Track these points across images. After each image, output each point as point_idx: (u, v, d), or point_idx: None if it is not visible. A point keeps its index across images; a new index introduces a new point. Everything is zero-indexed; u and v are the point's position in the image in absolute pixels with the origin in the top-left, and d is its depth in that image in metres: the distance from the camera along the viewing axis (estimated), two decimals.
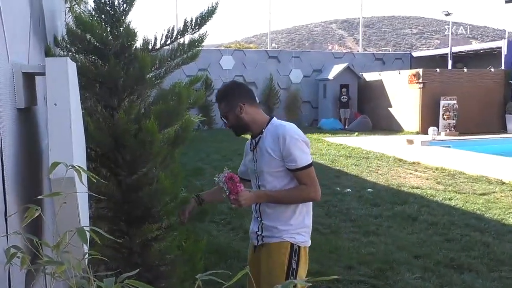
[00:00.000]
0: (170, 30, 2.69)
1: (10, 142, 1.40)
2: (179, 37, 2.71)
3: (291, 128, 2.41)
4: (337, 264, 4.52)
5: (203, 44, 2.80)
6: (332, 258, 4.71)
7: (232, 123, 2.47)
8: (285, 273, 2.39)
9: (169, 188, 2.52)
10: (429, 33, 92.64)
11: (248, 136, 2.58)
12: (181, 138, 2.71)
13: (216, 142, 13.45)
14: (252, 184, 2.55)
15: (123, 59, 2.56)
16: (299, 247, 2.42)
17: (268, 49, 22.80)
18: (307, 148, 2.39)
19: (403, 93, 17.87)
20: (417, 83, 17.02)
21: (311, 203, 2.50)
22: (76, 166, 1.10)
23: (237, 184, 2.25)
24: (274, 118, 2.49)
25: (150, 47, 2.68)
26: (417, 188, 7.89)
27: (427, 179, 8.68)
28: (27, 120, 1.73)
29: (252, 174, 2.52)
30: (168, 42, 2.71)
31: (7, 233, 1.25)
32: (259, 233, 2.49)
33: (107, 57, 2.50)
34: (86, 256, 1.11)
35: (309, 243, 2.50)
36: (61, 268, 0.97)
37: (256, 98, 2.56)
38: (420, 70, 17.23)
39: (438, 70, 17.54)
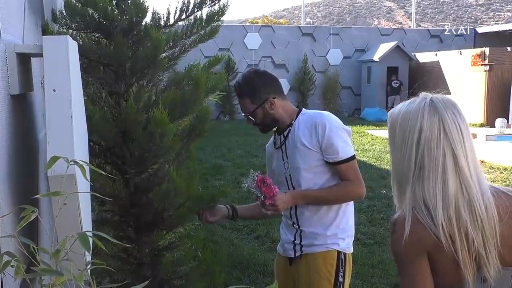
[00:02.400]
0: (186, 1, 2.70)
1: (2, 133, 1.44)
2: (196, 10, 2.72)
3: (330, 115, 2.42)
4: (381, 280, 4.50)
5: (224, 18, 2.81)
6: (376, 273, 4.68)
7: (259, 121, 2.48)
8: None
9: (184, 188, 2.54)
10: (498, 4, 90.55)
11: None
12: (197, 130, 2.73)
13: (239, 135, 13.49)
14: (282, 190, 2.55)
15: (131, 37, 2.58)
16: (345, 255, 2.43)
17: (302, 25, 22.69)
18: (349, 138, 2.40)
19: (464, 77, 17.52)
20: (482, 65, 16.66)
21: (352, 202, 2.51)
22: (78, 162, 1.12)
23: (272, 186, 2.26)
24: (303, 109, 2.52)
25: (162, 23, 2.70)
26: None
27: (493, 181, 8.50)
28: (22, 108, 1.78)
29: (281, 175, 2.52)
30: (183, 16, 2.73)
31: None
32: (296, 242, 2.49)
33: (112, 35, 2.53)
34: (89, 266, 1.14)
35: (352, 248, 2.52)
36: (61, 279, 0.99)
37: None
38: (486, 50, 16.85)
39: (509, 49, 17.12)
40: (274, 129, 2.56)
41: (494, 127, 14.58)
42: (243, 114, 2.52)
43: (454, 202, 1.36)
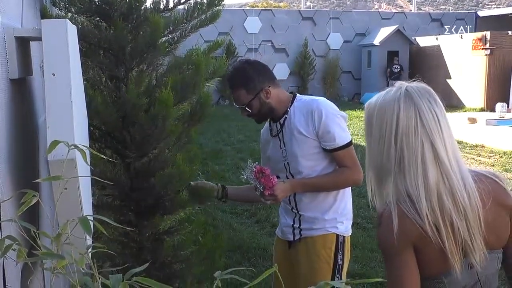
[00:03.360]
0: None
1: (1, 118, 1.43)
2: None
3: (325, 101, 2.41)
4: (381, 265, 4.52)
5: (224, 2, 2.79)
6: (375, 258, 4.71)
7: (256, 111, 2.46)
8: (331, 271, 2.42)
9: (183, 171, 2.55)
10: None
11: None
12: (198, 114, 2.73)
13: (239, 120, 13.46)
14: (281, 177, 2.54)
15: (131, 21, 2.57)
16: (344, 238, 2.45)
17: (302, 8, 22.56)
18: (345, 123, 2.40)
19: (465, 61, 17.46)
20: (483, 49, 16.60)
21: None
22: (79, 146, 1.12)
23: (270, 177, 2.27)
24: (298, 94, 2.51)
25: (162, 6, 2.69)
26: None
27: (493, 165, 8.52)
28: (21, 92, 1.77)
29: (279, 163, 2.52)
30: (183, 0, 2.71)
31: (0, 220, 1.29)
32: (295, 225, 2.51)
33: (112, 19, 2.52)
34: (90, 249, 1.14)
35: (351, 231, 2.54)
36: (62, 262, 1.00)
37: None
38: (487, 33, 16.77)
39: (510, 33, 17.03)
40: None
41: (494, 111, 14.55)
42: (237, 106, 2.49)
43: (436, 192, 1.36)
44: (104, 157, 1.21)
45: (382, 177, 1.44)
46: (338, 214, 2.45)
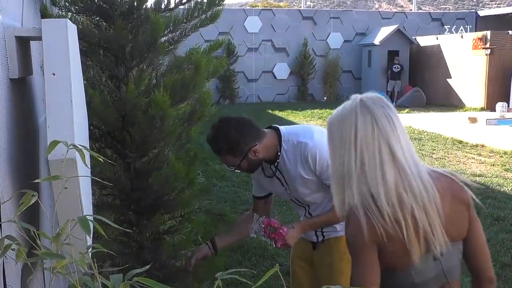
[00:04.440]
0: None
1: (2, 118, 1.43)
2: None
3: (313, 139, 2.33)
4: None
5: (224, 2, 2.79)
6: None
7: (245, 169, 2.41)
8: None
9: (184, 172, 2.55)
10: None
11: None
12: (198, 114, 2.73)
13: None
14: (295, 208, 2.60)
15: (131, 21, 2.57)
16: None
17: (302, 8, 22.56)
18: None
19: (466, 61, 17.46)
20: (483, 48, 16.59)
21: None
22: (78, 146, 1.12)
23: (280, 230, 2.27)
24: (281, 131, 2.40)
25: (162, 6, 2.68)
26: (480, 175, 7.76)
27: (493, 165, 8.52)
28: (22, 92, 1.77)
29: (287, 198, 2.57)
30: (185, 0, 2.71)
31: (0, 221, 1.29)
32: (318, 230, 2.52)
33: (112, 18, 2.52)
34: (90, 249, 1.14)
35: None
36: (62, 262, 1.00)
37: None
38: (488, 33, 16.76)
39: (510, 32, 17.02)
40: None
41: (495, 111, 14.54)
42: (225, 166, 2.43)
43: (395, 189, 1.45)
44: (102, 159, 1.21)
45: (345, 184, 1.53)
46: None
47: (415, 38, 19.91)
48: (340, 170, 1.53)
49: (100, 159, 1.17)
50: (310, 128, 2.43)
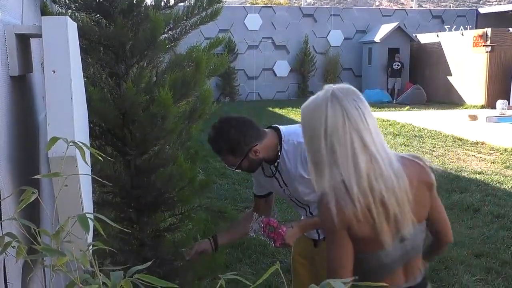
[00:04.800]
0: None
1: (2, 115, 1.43)
2: None
3: None
4: None
5: None
6: None
7: (246, 169, 2.41)
8: None
9: (185, 170, 2.55)
10: None
11: None
12: (198, 112, 2.73)
13: None
14: (296, 208, 2.61)
15: (132, 18, 2.57)
16: None
17: (302, 5, 22.52)
18: None
19: (466, 58, 17.44)
20: (484, 45, 16.57)
21: None
22: (78, 143, 1.12)
23: (279, 229, 2.28)
24: (281, 131, 2.40)
25: (162, 4, 2.68)
26: (480, 173, 7.76)
27: (493, 162, 8.51)
28: (22, 89, 1.77)
29: (285, 198, 2.57)
30: None
31: (0, 218, 1.29)
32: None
33: (112, 15, 2.51)
34: (90, 247, 1.14)
35: None
36: (63, 260, 1.00)
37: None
38: (488, 30, 16.74)
39: (511, 29, 17.01)
40: None
41: (495, 108, 14.54)
42: (226, 166, 2.43)
43: (367, 177, 1.53)
44: (101, 158, 1.21)
45: (319, 169, 1.60)
46: None
47: (416, 36, 19.89)
48: (314, 158, 1.61)
49: (100, 156, 1.17)
50: None
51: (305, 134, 1.65)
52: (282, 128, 2.43)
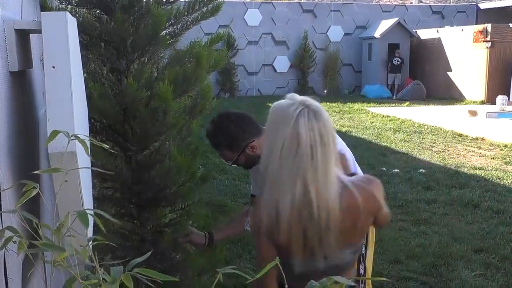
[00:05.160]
0: None
1: (2, 110, 1.43)
2: None
3: None
4: (381, 257, 4.53)
5: None
6: (376, 250, 4.71)
7: (242, 164, 2.43)
8: None
9: (186, 165, 2.55)
10: None
11: None
12: (199, 107, 2.73)
13: None
14: None
15: (133, 13, 2.56)
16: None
17: (302, 1, 22.48)
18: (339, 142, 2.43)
19: (466, 54, 17.42)
20: (484, 41, 16.54)
21: None
22: (79, 138, 1.12)
23: None
24: None
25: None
26: (480, 169, 7.76)
27: (493, 158, 8.52)
28: (21, 85, 1.77)
29: None
30: None
31: (0, 212, 1.29)
32: None
33: (113, 11, 2.51)
34: (91, 242, 1.14)
35: None
36: (63, 255, 1.00)
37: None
38: (488, 26, 16.71)
39: (511, 25, 16.98)
40: None
41: (495, 104, 14.53)
42: (223, 160, 2.44)
43: (298, 209, 1.54)
44: (107, 146, 1.21)
45: (266, 178, 1.61)
46: None
47: (416, 31, 19.86)
48: (265, 166, 1.60)
49: (104, 147, 1.17)
50: None
51: (267, 138, 1.62)
52: None
